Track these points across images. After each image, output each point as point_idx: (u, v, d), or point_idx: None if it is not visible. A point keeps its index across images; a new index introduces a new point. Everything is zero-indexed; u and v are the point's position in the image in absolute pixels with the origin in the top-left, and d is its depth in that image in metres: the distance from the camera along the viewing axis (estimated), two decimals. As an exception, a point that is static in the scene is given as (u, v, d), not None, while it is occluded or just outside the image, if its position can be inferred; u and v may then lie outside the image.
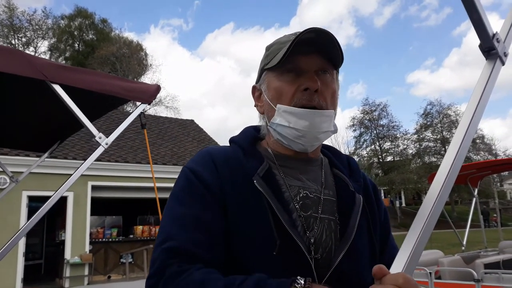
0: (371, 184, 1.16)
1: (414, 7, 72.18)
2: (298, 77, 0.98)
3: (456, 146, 0.69)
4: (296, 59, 0.97)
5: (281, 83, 1.00)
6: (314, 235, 0.95)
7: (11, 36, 36.54)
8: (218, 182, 0.95)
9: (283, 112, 0.99)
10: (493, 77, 0.75)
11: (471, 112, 0.72)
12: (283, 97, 0.99)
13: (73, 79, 2.50)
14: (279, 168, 1.03)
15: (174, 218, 0.92)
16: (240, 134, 1.12)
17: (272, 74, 1.03)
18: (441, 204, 0.67)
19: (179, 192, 0.97)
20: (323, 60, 0.99)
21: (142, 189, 12.18)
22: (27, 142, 3.91)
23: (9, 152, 9.42)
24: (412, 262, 0.62)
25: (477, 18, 0.73)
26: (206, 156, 1.01)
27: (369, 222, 1.05)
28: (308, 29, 0.95)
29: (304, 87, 0.97)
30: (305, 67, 0.98)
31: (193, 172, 0.97)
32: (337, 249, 0.95)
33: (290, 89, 0.99)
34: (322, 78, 0.99)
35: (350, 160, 1.18)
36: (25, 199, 10.12)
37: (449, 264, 5.66)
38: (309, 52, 0.98)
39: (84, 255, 10.76)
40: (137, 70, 38.07)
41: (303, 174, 1.04)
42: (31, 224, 2.37)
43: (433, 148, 41.87)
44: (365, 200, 1.06)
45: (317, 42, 0.96)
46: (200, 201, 0.93)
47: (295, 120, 0.97)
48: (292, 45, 0.93)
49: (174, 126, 16.91)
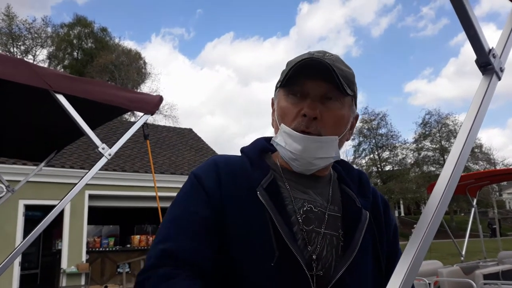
0: (382, 200, 1.14)
1: (410, 18, 72.83)
2: (301, 101, 0.99)
3: (454, 160, 0.69)
4: (303, 82, 0.98)
5: (286, 103, 1.01)
6: (315, 249, 0.95)
7: (10, 44, 36.67)
8: (218, 192, 0.96)
9: (283, 132, 1.00)
10: (489, 92, 0.75)
11: (468, 127, 0.72)
12: (286, 118, 1.01)
13: (77, 89, 2.50)
14: (285, 180, 1.03)
15: (175, 218, 0.95)
16: (250, 145, 1.14)
17: (282, 93, 1.04)
18: (439, 218, 0.67)
19: (183, 195, 1.00)
20: (328, 86, 0.97)
21: (139, 198, 12.15)
22: (24, 151, 3.90)
23: (6, 161, 9.40)
24: (409, 278, 0.62)
25: (473, 34, 0.74)
26: (212, 165, 1.03)
27: (376, 239, 1.04)
28: (314, 53, 0.99)
29: (303, 113, 0.97)
30: (310, 92, 0.98)
31: (197, 178, 1.00)
32: (337, 265, 0.94)
33: (292, 112, 1.00)
34: (327, 104, 0.99)
35: (362, 175, 1.17)
36: (22, 208, 10.08)
37: (448, 275, 5.64)
38: (315, 77, 0.97)
39: (80, 264, 10.70)
40: (135, 78, 38.19)
41: (310, 188, 1.04)
42: (28, 242, 2.34)
43: (432, 158, 41.97)
44: (373, 217, 1.05)
45: (323, 68, 0.95)
46: (201, 205, 0.95)
47: (291, 142, 0.98)
48: (292, 69, 0.95)
49: (172, 135, 16.93)
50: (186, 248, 0.88)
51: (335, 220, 1.01)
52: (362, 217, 1.01)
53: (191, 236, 0.90)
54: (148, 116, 2.94)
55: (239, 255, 0.90)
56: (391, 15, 70.00)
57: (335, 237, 0.99)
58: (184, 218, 0.94)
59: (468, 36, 0.75)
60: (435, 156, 41.53)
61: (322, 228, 0.98)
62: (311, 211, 0.99)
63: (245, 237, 0.91)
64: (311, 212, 0.99)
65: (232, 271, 0.89)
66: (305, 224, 0.97)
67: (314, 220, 0.98)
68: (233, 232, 0.92)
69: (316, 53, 1.01)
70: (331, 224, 1.00)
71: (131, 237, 12.39)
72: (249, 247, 0.90)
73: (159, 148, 14.78)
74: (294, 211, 0.97)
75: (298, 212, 0.97)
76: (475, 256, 9.74)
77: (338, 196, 1.07)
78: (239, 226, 0.92)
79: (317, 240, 0.96)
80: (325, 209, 1.02)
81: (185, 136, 17.26)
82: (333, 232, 0.99)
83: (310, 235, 0.96)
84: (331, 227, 0.99)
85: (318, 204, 1.02)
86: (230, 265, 0.90)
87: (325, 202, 1.03)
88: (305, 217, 0.98)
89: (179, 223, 0.93)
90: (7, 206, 9.15)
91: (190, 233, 0.91)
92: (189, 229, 0.91)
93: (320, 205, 1.02)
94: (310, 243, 0.95)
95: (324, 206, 1.02)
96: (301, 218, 0.97)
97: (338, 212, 1.03)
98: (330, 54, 1.03)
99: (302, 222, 0.97)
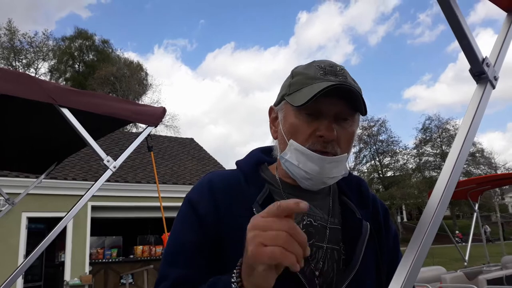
0: (382, 208, 1.12)
1: (407, 25, 73.17)
2: (316, 120, 0.94)
3: (450, 168, 0.71)
4: (318, 100, 0.90)
5: (298, 121, 0.95)
6: (317, 264, 0.94)
7: (12, 58, 36.86)
8: (215, 213, 0.95)
9: (294, 150, 0.95)
10: (483, 101, 0.76)
11: (463, 135, 0.73)
12: (298, 135, 0.95)
13: (82, 102, 2.51)
14: (284, 194, 1.01)
15: (169, 253, 0.95)
16: (245, 158, 1.11)
17: (290, 107, 0.97)
18: (437, 223, 0.68)
19: (178, 223, 0.99)
20: (345, 106, 0.94)
21: (142, 209, 12.13)
22: (24, 164, 3.90)
23: (8, 174, 9.41)
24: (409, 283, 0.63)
25: (467, 44, 0.75)
26: (205, 185, 1.01)
27: (377, 249, 1.02)
28: (326, 68, 0.96)
29: (319, 134, 0.93)
30: (325, 111, 0.94)
31: (191, 203, 0.99)
32: (339, 280, 0.93)
33: (306, 131, 0.94)
34: (341, 124, 0.95)
35: (361, 183, 1.14)
36: (25, 220, 10.06)
37: (451, 281, 5.61)
38: (332, 96, 0.91)
39: (84, 276, 10.64)
40: (137, 90, 38.30)
41: (310, 201, 1.01)
42: (32, 258, 2.33)
43: (433, 163, 41.87)
44: (374, 226, 1.03)
45: (345, 89, 0.91)
46: (195, 232, 0.94)
47: (305, 161, 0.94)
48: (316, 96, 0.89)
49: (174, 145, 16.93)
50: (182, 281, 0.89)
51: (336, 233, 1.00)
52: (363, 229, 0.99)
53: (184, 269, 0.91)
54: (152, 128, 2.96)
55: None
56: (388, 23, 70.57)
57: (336, 250, 0.98)
58: (177, 250, 0.94)
59: (461, 46, 0.76)
60: (436, 161, 41.45)
61: (324, 242, 0.97)
62: (311, 225, 0.97)
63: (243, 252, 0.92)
64: (311, 226, 0.97)
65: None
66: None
67: (315, 234, 0.97)
68: (232, 253, 0.89)
69: (328, 68, 0.97)
70: (332, 237, 0.98)
71: (134, 248, 12.33)
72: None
73: (161, 158, 14.77)
74: None
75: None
76: (479, 261, 9.68)
77: (338, 208, 1.05)
78: (237, 247, 0.89)
79: (318, 255, 0.95)
80: (326, 222, 1.00)
81: (187, 146, 17.26)
82: (334, 246, 0.98)
83: (311, 250, 0.94)
84: (332, 241, 0.98)
85: (318, 218, 0.99)
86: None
87: (325, 215, 1.01)
88: (305, 232, 0.95)
89: (173, 257, 0.94)
90: (10, 218, 9.15)
91: (187, 263, 0.91)
92: (181, 262, 0.92)
93: (320, 218, 1.00)
94: (311, 258, 0.94)
95: (325, 219, 1.00)
96: None
97: (338, 224, 1.02)
98: (340, 67, 0.99)
99: None
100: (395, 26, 70.85)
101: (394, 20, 71.22)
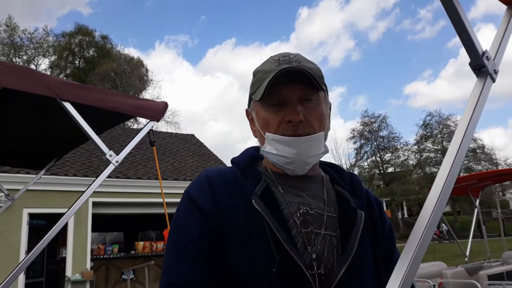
0: (375, 200, 1.17)
1: (408, 20, 72.91)
2: (282, 108, 1.00)
3: (449, 163, 0.70)
4: (279, 89, 0.98)
5: (267, 113, 1.03)
6: (316, 251, 0.96)
7: (12, 54, 36.83)
8: (216, 207, 0.97)
9: (271, 140, 1.02)
10: (484, 95, 0.76)
11: (463, 129, 0.73)
12: (270, 126, 1.02)
13: (84, 97, 2.50)
14: (278, 185, 1.04)
15: (175, 248, 0.96)
16: (240, 155, 1.14)
17: (258, 104, 1.05)
18: (436, 219, 0.68)
19: (179, 219, 1.00)
20: (305, 88, 1.00)
21: (143, 205, 12.14)
22: (24, 159, 3.91)
23: (9, 170, 9.42)
24: (408, 279, 0.63)
25: (467, 37, 0.75)
26: (204, 180, 1.03)
27: (372, 237, 1.05)
28: (280, 60, 1.02)
29: (287, 119, 0.99)
30: (288, 97, 1.00)
31: (191, 199, 1.00)
32: (338, 265, 0.96)
33: (275, 120, 1.01)
34: (307, 105, 1.01)
35: (353, 177, 1.19)
36: (26, 216, 10.08)
37: (452, 276, 5.62)
38: (291, 82, 0.98)
39: (85, 272, 10.68)
40: (137, 86, 38.29)
41: (303, 191, 1.05)
42: (34, 255, 2.33)
43: (434, 159, 41.85)
44: (368, 216, 1.06)
45: (295, 73, 0.97)
46: (198, 227, 0.95)
47: (282, 148, 1.00)
48: (270, 83, 0.96)
49: (175, 141, 16.93)
50: (189, 278, 0.90)
51: (332, 221, 1.03)
52: (357, 217, 1.02)
53: (193, 262, 0.92)
54: (154, 122, 2.96)
55: (240, 266, 0.91)
56: (389, 19, 70.26)
57: (334, 237, 1.00)
58: (184, 244, 0.95)
59: (461, 39, 0.76)
60: (437, 157, 41.43)
61: (322, 229, 1.00)
62: (308, 213, 1.01)
63: (246, 247, 0.92)
64: (307, 214, 1.00)
65: (235, 283, 0.91)
66: (304, 227, 0.98)
67: (312, 221, 1.00)
68: (234, 245, 0.93)
69: (281, 59, 1.03)
70: (329, 225, 1.01)
71: (135, 244, 12.36)
72: (250, 256, 0.91)
73: (162, 154, 14.78)
74: (291, 215, 0.98)
75: (295, 215, 0.99)
76: (480, 257, 9.69)
77: (333, 197, 1.09)
78: (239, 238, 0.93)
79: (317, 241, 0.98)
80: (323, 211, 1.03)
81: (188, 142, 17.26)
82: (332, 233, 1.01)
83: (310, 237, 0.97)
84: (329, 228, 1.01)
85: (314, 206, 1.03)
86: (233, 278, 0.91)
87: (321, 204, 1.05)
88: (303, 220, 0.99)
89: (180, 251, 0.95)
90: (11, 215, 9.16)
91: (191, 260, 0.92)
92: (190, 255, 0.93)
93: (315, 207, 1.03)
94: (310, 245, 0.96)
95: (321, 208, 1.04)
96: (299, 220, 0.98)
97: (335, 213, 1.05)
98: (294, 55, 1.05)
99: (300, 224, 0.98)
100: (395, 22, 70.60)
101: (394, 16, 70.97)
